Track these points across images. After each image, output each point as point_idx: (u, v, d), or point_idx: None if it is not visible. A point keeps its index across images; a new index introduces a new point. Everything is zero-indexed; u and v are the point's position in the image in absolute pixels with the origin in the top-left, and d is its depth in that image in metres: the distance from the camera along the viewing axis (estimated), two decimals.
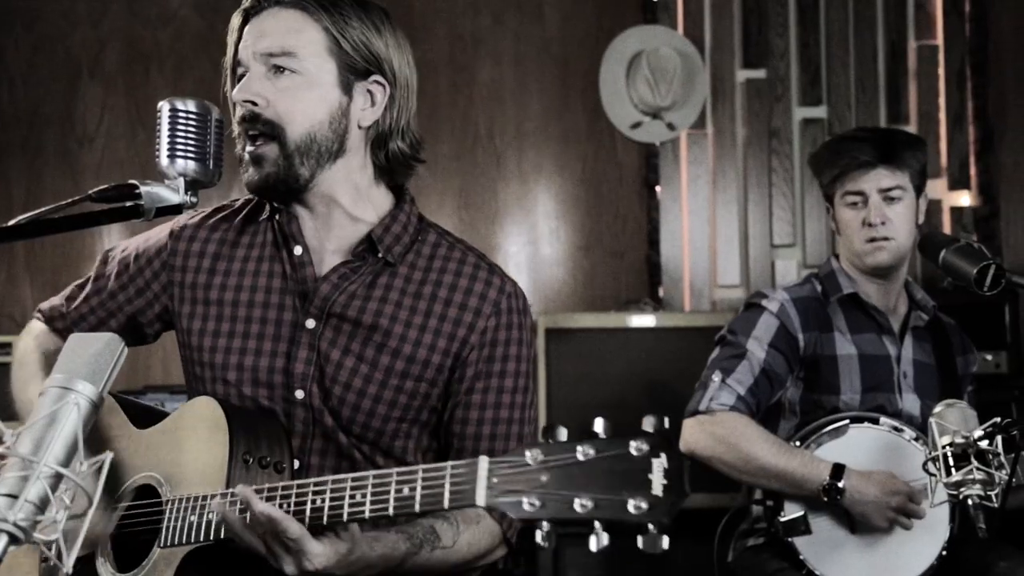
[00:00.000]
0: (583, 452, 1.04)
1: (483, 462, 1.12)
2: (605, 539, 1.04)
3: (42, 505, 0.97)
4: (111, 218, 1.29)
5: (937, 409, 1.96)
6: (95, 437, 1.54)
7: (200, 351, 1.59)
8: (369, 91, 1.56)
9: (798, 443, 2.23)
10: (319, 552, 1.28)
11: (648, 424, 1.05)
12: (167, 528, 1.39)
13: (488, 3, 3.84)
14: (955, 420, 1.92)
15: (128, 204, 1.27)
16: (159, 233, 1.68)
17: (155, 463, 1.48)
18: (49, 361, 1.62)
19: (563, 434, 1.07)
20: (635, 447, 1.03)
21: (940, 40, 3.81)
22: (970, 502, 1.87)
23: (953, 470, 1.86)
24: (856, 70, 3.80)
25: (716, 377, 2.26)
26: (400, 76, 1.57)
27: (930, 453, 1.92)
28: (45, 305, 1.75)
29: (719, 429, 2.22)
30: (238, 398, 1.55)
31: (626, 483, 1.02)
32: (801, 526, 2.15)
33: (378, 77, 1.56)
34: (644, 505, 1.01)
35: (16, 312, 3.69)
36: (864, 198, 2.29)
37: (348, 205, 1.58)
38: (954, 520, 2.15)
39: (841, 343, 2.31)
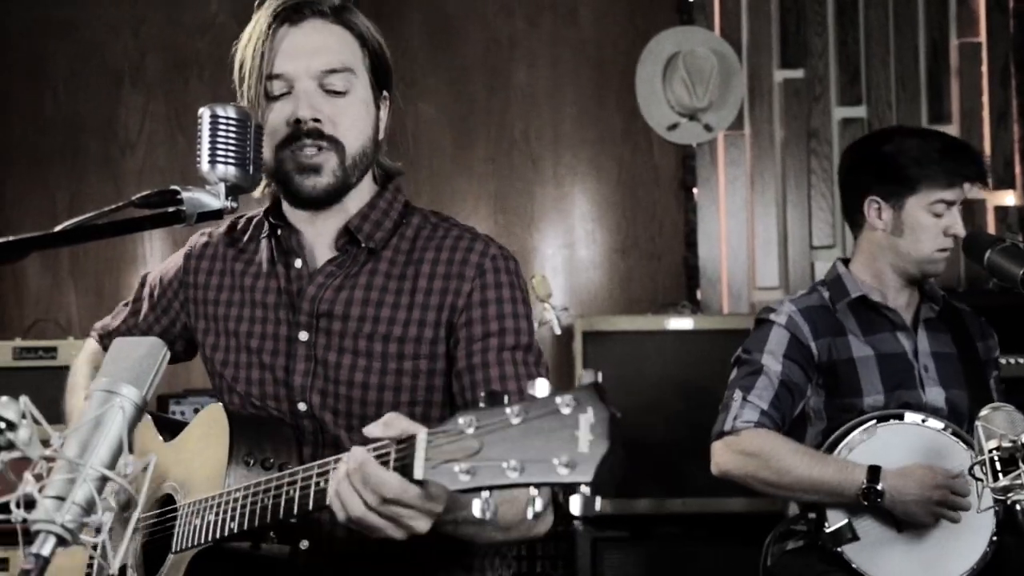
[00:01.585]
0: (515, 414, 0.96)
1: (422, 434, 1.06)
2: (539, 504, 0.96)
3: (88, 507, 0.98)
4: (154, 224, 1.29)
5: (983, 412, 1.93)
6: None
7: (214, 364, 1.65)
8: (382, 105, 1.62)
9: (828, 450, 2.21)
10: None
11: (585, 378, 0.96)
12: (179, 533, 1.42)
13: (523, 6, 3.84)
14: (1002, 424, 1.89)
15: (170, 210, 1.28)
16: (179, 255, 1.75)
17: (174, 472, 1.52)
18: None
19: (504, 400, 0.99)
20: (563, 403, 0.94)
21: (983, 37, 3.76)
22: (1019, 507, 1.83)
23: (1000, 475, 1.83)
24: (896, 68, 3.76)
25: (737, 396, 2.25)
26: (394, 91, 1.64)
27: (976, 457, 1.89)
28: (98, 324, 1.86)
29: (748, 447, 2.21)
30: (252, 408, 1.59)
31: (553, 443, 0.94)
32: (848, 534, 2.13)
33: (386, 91, 1.62)
34: (571, 464, 0.92)
35: (61, 317, 3.75)
36: (948, 208, 2.28)
37: (351, 207, 1.61)
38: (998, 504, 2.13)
39: (857, 346, 2.29)
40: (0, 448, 0.95)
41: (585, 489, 0.92)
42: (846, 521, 2.14)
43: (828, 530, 2.15)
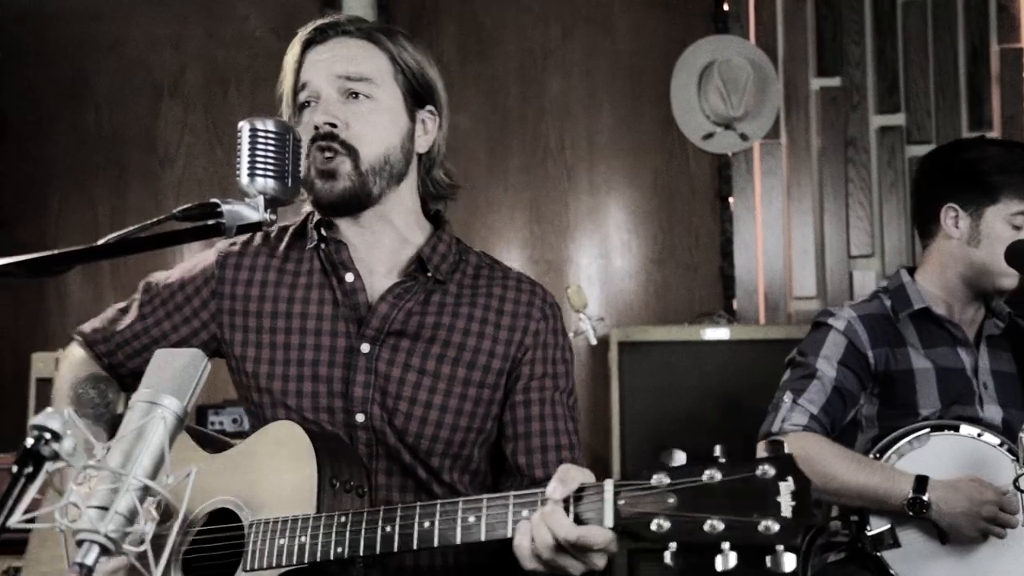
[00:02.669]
0: (709, 476, 1.07)
1: (608, 484, 1.14)
2: (732, 560, 1.05)
3: (131, 517, 1.00)
4: (194, 236, 1.30)
5: None
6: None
7: (257, 377, 1.61)
8: (423, 120, 1.67)
9: (878, 455, 2.18)
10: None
11: (772, 450, 1.08)
12: (252, 552, 1.38)
13: (558, 16, 3.85)
14: None
15: (210, 222, 1.29)
16: (205, 261, 1.70)
17: (231, 487, 1.47)
18: (77, 394, 1.66)
19: (680, 457, 1.10)
20: (762, 471, 1.06)
21: None
22: None
23: None
24: (935, 76, 3.71)
25: (787, 398, 2.22)
26: (444, 106, 1.70)
27: (1020, 470, 1.87)
28: (87, 327, 1.76)
29: (793, 450, 2.17)
30: (301, 422, 1.54)
31: (755, 506, 1.04)
32: (889, 540, 2.11)
33: (431, 106, 1.67)
34: (776, 527, 1.03)
35: None
36: None
37: (401, 226, 1.64)
38: None
39: (916, 358, 2.26)
40: (45, 458, 0.96)
41: (781, 549, 1.02)
42: (888, 527, 2.11)
43: (870, 534, 2.12)
